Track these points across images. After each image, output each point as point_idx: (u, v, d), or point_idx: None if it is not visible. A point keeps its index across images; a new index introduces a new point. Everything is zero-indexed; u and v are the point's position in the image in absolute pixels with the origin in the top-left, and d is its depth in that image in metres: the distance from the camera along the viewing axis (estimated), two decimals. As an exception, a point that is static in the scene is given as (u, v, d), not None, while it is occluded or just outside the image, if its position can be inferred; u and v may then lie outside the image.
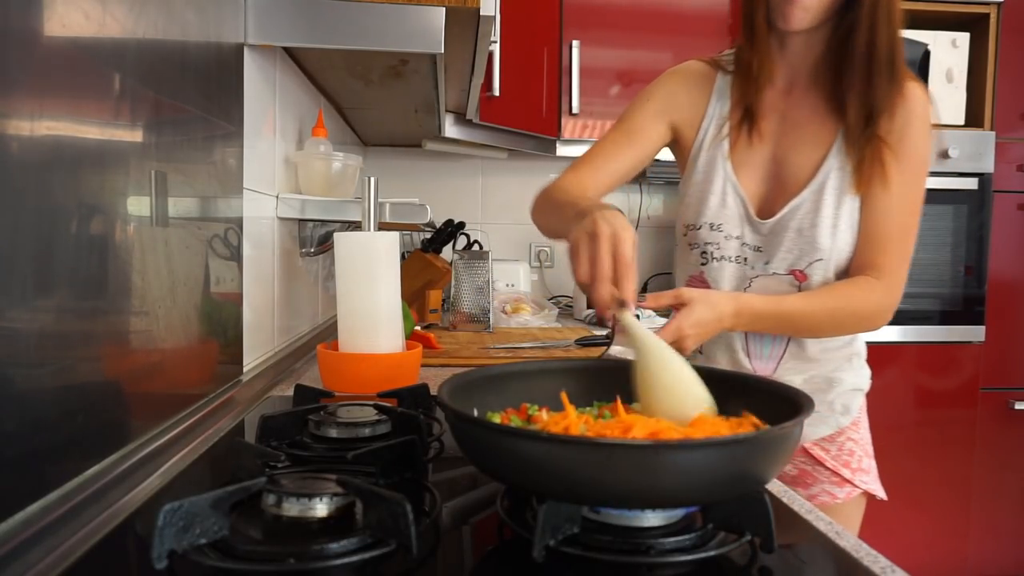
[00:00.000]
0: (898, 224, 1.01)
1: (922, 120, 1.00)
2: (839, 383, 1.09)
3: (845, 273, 1.03)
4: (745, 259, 1.06)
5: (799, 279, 1.03)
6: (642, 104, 1.12)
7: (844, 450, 1.10)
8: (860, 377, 1.12)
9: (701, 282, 1.10)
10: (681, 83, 1.12)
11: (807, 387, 1.06)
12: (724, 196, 1.06)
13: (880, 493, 1.11)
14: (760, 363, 1.08)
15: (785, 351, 1.07)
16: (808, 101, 1.05)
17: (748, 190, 1.06)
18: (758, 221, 1.04)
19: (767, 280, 1.04)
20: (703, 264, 1.08)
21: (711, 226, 1.06)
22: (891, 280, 1.01)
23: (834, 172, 1.01)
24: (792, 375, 1.08)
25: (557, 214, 0.95)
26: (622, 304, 0.70)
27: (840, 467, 1.09)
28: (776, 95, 1.06)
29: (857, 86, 0.97)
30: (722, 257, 1.06)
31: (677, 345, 0.90)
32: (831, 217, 1.00)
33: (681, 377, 0.68)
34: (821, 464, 1.10)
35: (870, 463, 1.12)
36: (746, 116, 1.06)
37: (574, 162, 1.11)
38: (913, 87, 1.00)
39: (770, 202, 1.05)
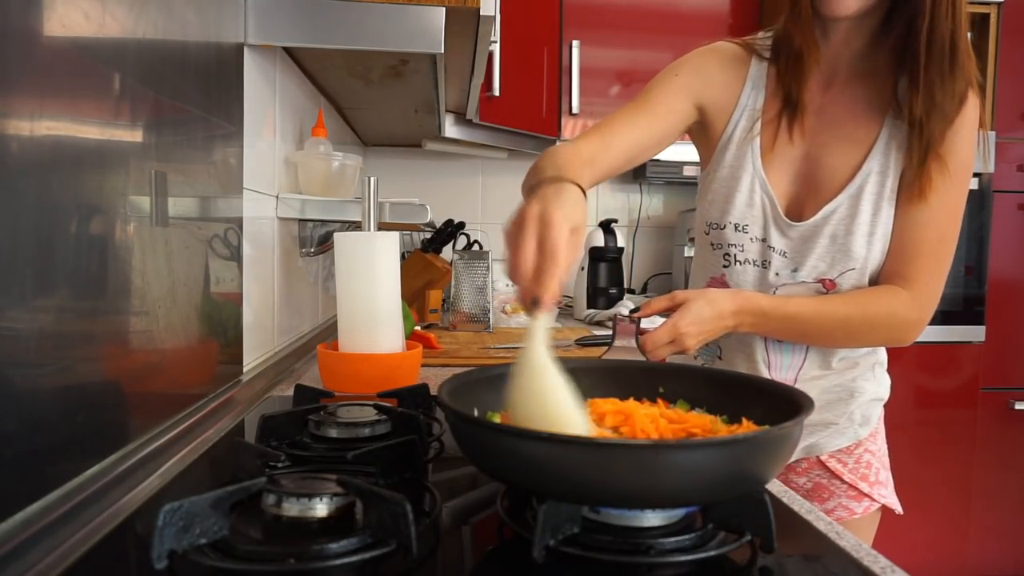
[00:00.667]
0: (935, 233, 0.94)
1: (971, 124, 0.92)
2: (861, 393, 1.03)
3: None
4: (768, 263, 0.99)
5: (827, 287, 0.96)
6: (668, 78, 1.01)
7: (862, 463, 1.05)
8: (881, 387, 1.06)
9: (722, 285, 1.03)
10: (714, 62, 1.02)
11: (827, 398, 1.02)
12: (752, 195, 0.98)
13: (897, 508, 1.06)
14: (779, 374, 1.02)
15: (805, 360, 1.01)
16: (846, 97, 0.97)
17: (777, 189, 0.98)
18: (787, 222, 0.97)
19: (794, 289, 0.98)
20: (725, 267, 1.02)
21: (736, 227, 0.99)
22: (921, 292, 0.94)
23: (873, 176, 0.94)
24: (811, 385, 1.01)
25: (526, 184, 0.86)
26: (535, 303, 0.60)
27: (858, 480, 1.04)
28: (814, 89, 0.98)
29: (925, 91, 0.88)
30: (745, 260, 1.00)
31: (676, 344, 0.88)
32: (867, 224, 0.94)
33: (554, 399, 0.58)
34: (838, 478, 1.04)
35: (887, 476, 1.07)
36: (785, 109, 0.98)
37: (582, 132, 0.99)
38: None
39: (800, 203, 0.98)
